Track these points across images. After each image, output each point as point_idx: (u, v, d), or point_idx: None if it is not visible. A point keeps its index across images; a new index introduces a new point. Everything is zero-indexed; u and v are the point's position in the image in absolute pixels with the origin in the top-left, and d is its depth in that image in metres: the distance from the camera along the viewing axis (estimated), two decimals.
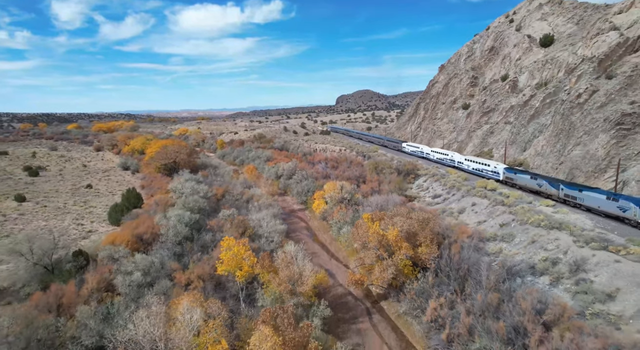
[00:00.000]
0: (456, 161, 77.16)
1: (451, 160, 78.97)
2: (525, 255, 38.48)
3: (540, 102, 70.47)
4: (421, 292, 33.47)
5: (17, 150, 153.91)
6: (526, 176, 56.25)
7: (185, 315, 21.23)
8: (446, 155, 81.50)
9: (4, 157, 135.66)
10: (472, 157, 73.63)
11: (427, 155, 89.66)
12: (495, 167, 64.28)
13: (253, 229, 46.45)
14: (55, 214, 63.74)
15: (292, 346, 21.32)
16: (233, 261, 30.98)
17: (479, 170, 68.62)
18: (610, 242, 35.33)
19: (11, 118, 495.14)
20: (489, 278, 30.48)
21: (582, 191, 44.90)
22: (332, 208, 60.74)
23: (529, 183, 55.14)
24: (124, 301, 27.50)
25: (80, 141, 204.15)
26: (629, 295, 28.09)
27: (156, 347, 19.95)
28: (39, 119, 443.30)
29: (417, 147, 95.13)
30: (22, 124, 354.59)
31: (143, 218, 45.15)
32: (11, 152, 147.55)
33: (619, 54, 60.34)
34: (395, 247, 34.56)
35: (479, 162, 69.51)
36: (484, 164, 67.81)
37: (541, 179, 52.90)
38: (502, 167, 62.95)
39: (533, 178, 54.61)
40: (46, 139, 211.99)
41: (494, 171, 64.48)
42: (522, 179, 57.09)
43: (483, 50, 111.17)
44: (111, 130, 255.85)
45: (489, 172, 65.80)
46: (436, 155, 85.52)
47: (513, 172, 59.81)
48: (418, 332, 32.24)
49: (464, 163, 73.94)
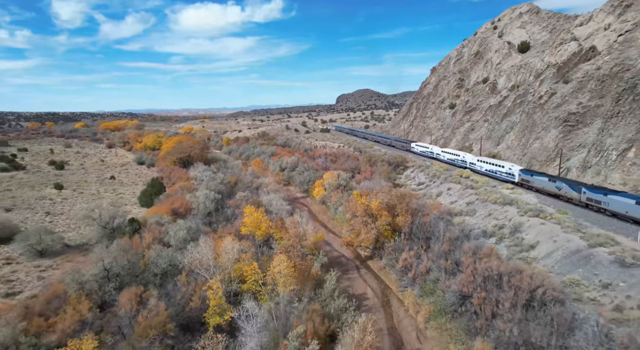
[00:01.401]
0: (468, 162, 74.77)
1: (462, 161, 76.57)
2: (482, 223, 48.80)
3: (512, 103, 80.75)
4: (396, 248, 43.86)
5: (33, 147, 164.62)
6: (544, 178, 53.73)
7: (228, 247, 31.42)
8: (457, 156, 78.89)
9: (26, 153, 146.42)
10: (485, 158, 70.83)
11: (437, 156, 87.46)
12: (510, 169, 61.22)
13: (265, 207, 56.73)
14: (92, 198, 74.07)
15: (300, 270, 31.55)
16: (254, 224, 41.24)
17: (493, 172, 65.86)
18: (543, 211, 45.64)
19: (16, 117, 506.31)
20: (444, 236, 40.81)
21: (607, 195, 42.51)
22: (330, 193, 71.09)
23: (547, 186, 52.69)
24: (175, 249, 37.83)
25: (91, 139, 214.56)
26: (543, 246, 38.44)
27: (209, 266, 30.16)
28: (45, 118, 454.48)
29: (427, 147, 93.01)
30: (30, 123, 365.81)
31: (176, 197, 55.52)
32: (29, 148, 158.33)
33: (574, 62, 70.53)
34: (377, 215, 44.92)
35: (492, 164, 66.55)
36: (497, 165, 64.85)
37: (561, 182, 50.33)
38: (518, 169, 60.07)
39: (552, 181, 52.07)
40: (57, 137, 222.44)
41: (508, 173, 61.62)
42: (539, 181, 54.61)
43: (469, 55, 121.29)
44: (118, 128, 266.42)
45: (503, 173, 62.90)
46: (447, 155, 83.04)
47: (529, 174, 57.13)
48: (393, 278, 42.61)
49: (476, 164, 71.29)
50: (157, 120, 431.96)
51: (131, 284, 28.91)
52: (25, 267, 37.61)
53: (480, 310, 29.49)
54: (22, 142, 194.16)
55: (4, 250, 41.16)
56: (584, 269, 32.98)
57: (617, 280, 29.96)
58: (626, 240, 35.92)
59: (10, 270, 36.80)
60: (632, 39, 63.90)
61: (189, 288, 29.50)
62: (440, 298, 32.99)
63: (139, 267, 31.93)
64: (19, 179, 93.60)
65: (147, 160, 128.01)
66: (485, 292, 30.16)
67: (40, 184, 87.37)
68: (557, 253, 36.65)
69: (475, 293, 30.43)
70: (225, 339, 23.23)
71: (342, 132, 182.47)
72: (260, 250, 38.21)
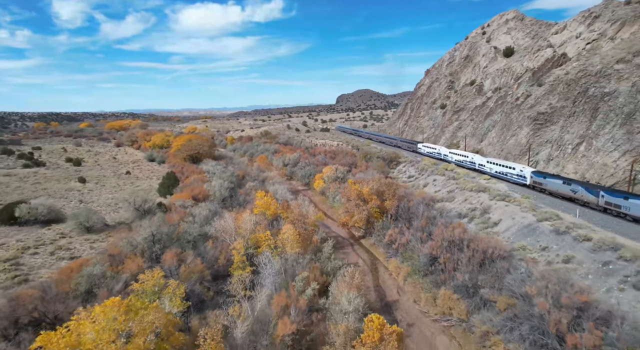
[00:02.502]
0: (477, 164, 73.56)
1: (471, 163, 75.41)
2: (459, 207, 56.86)
3: (494, 103, 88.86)
4: (384, 227, 52.00)
5: (45, 146, 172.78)
6: (557, 181, 52.19)
7: (246, 219, 39.52)
8: (466, 158, 77.89)
9: (40, 152, 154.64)
10: (495, 160, 69.16)
11: (445, 157, 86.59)
12: (522, 171, 59.91)
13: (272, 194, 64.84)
14: (115, 190, 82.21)
15: (303, 237, 39.63)
16: (264, 205, 49.29)
17: (503, 174, 64.48)
18: (509, 196, 53.67)
19: (20, 117, 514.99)
20: (423, 215, 48.98)
21: (628, 199, 40.78)
22: (329, 185, 79.19)
23: (561, 189, 51.13)
24: (199, 225, 45.99)
25: (99, 138, 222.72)
26: (504, 222, 46.53)
27: (231, 234, 38.18)
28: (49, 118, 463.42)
29: (434, 148, 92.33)
30: (35, 123, 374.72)
31: (195, 186, 63.66)
32: (43, 147, 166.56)
33: (548, 67, 78.66)
34: (368, 199, 53.02)
35: (502, 165, 65.10)
36: (508, 167, 63.39)
37: (576, 185, 48.59)
38: (530, 171, 58.47)
39: (566, 183, 50.43)
40: (65, 137, 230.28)
41: (519, 175, 60.30)
42: (552, 184, 52.97)
43: (460, 58, 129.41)
44: (123, 128, 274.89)
45: (513, 175, 61.61)
46: (455, 157, 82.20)
47: (542, 177, 55.42)
48: (381, 251, 50.75)
49: (486, 166, 70.07)
50: (159, 120, 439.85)
51: (171, 247, 37.07)
52: (78, 240, 45.76)
53: (445, 267, 37.62)
54: (33, 141, 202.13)
55: (57, 228, 49.38)
56: (531, 237, 41.09)
57: (552, 244, 38.08)
58: (568, 216, 44.01)
59: (67, 242, 44.97)
60: (597, 47, 71.99)
61: (216, 250, 37.62)
62: (416, 261, 41.12)
63: (175, 235, 40.09)
64: (42, 174, 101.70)
65: (157, 158, 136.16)
66: (449, 254, 38.28)
67: (64, 178, 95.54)
68: (513, 227, 44.76)
69: (442, 255, 38.55)
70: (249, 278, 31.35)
71: (345, 132, 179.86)
72: (271, 225, 46.36)
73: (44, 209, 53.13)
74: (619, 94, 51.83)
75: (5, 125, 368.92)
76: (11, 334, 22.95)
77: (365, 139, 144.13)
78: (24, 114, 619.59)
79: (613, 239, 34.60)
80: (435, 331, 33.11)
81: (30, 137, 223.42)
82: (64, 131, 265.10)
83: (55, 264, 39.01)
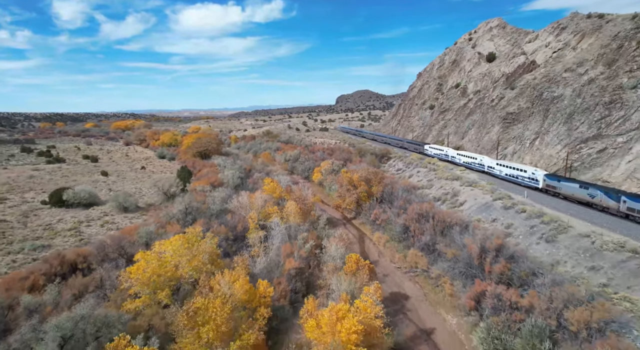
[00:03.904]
0: (486, 166, 71.59)
1: (480, 165, 73.37)
2: (435, 193, 67.11)
3: (474, 104, 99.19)
4: (371, 208, 62.30)
5: (58, 144, 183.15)
6: (574, 185, 49.72)
7: (258, 196, 49.76)
8: (474, 159, 75.58)
9: (55, 150, 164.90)
10: (505, 162, 66.77)
11: (452, 159, 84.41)
12: (534, 174, 58.17)
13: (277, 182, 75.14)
14: (135, 182, 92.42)
15: (303, 211, 49.88)
16: (270, 189, 59.52)
17: (513, 177, 62.43)
18: (476, 183, 63.94)
19: (24, 118, 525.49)
20: (402, 196, 59.29)
21: None
22: (326, 177, 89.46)
23: (578, 193, 48.56)
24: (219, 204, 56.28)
25: (107, 138, 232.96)
26: (468, 203, 56.81)
27: (246, 208, 48.41)
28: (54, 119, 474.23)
29: (441, 149, 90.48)
30: (41, 123, 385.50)
31: (210, 176, 73.94)
32: (57, 146, 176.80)
33: (520, 73, 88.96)
34: (357, 185, 63.32)
35: (513, 168, 63.09)
36: (519, 170, 61.37)
37: (595, 189, 46.19)
38: (542, 174, 56.48)
39: (583, 187, 47.94)
40: (74, 136, 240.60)
41: (531, 178, 58.37)
42: (568, 187, 50.58)
43: (449, 62, 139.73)
44: (128, 128, 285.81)
45: (525, 178, 59.58)
46: (463, 158, 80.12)
47: (556, 180, 53.30)
48: (368, 228, 61.05)
49: (495, 168, 68.10)
50: (161, 121, 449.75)
51: (200, 218, 47.33)
52: (119, 217, 56.00)
53: (414, 234, 47.90)
54: (44, 140, 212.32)
55: (99, 209, 59.71)
56: (486, 212, 51.38)
57: (500, 216, 48.41)
58: (518, 197, 54.32)
59: (110, 218, 55.21)
60: (561, 56, 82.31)
61: (235, 220, 47.84)
62: (393, 231, 51.42)
63: (202, 209, 50.42)
64: (66, 169, 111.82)
65: (168, 155, 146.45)
66: (418, 223, 48.55)
67: (87, 172, 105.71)
68: (474, 206, 55.08)
69: (413, 225, 48.83)
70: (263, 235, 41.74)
71: (348, 133, 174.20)
72: (277, 204, 56.69)
73: (86, 194, 63.35)
74: (564, 98, 62.04)
75: (13, 126, 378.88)
76: (105, 262, 33.34)
77: (370, 140, 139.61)
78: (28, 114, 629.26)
79: (540, 210, 45.03)
80: (404, 279, 43.39)
81: (40, 137, 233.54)
82: (72, 131, 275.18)
83: (106, 233, 49.19)
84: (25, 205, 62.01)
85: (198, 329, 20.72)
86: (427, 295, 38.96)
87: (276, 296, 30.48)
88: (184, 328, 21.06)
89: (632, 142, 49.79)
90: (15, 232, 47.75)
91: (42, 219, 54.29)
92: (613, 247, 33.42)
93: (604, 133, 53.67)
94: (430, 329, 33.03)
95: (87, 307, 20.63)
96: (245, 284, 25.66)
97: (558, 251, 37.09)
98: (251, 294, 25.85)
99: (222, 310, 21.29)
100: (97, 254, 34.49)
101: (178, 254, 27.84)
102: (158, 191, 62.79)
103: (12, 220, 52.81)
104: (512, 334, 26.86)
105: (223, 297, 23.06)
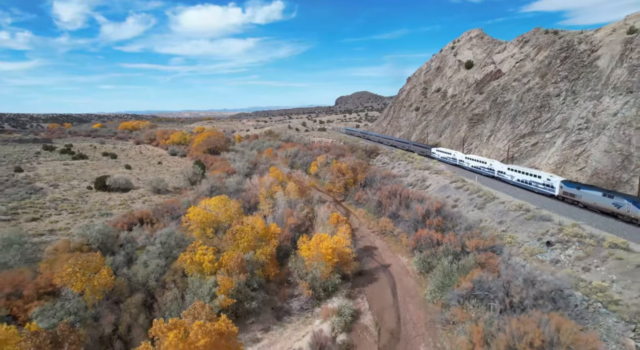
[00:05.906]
0: (496, 171, 68.28)
1: (490, 170, 70.41)
2: (409, 180, 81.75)
3: (450, 107, 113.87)
4: (356, 191, 76.96)
5: (74, 144, 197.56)
6: (596, 193, 44.75)
7: (266, 178, 64.41)
8: (484, 164, 72.67)
9: (73, 148, 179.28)
10: (517, 167, 62.83)
11: (460, 163, 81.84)
12: (549, 179, 53.98)
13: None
14: (157, 174, 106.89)
15: (301, 190, 64.53)
16: (276, 175, 74.15)
17: (526, 183, 58.64)
18: (443, 173, 78.52)
19: (29, 118, 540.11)
20: (381, 181, 74.00)
21: None
22: (321, 169, 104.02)
23: (601, 202, 43.73)
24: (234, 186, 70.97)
25: (116, 137, 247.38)
26: (432, 186, 71.44)
27: (257, 187, 62.92)
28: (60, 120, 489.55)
29: (449, 153, 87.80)
30: (50, 124, 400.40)
31: (224, 166, 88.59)
32: (74, 145, 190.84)
33: (488, 80, 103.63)
34: (345, 172, 77.99)
35: (526, 173, 59.24)
36: (532, 175, 57.64)
37: (620, 198, 41.53)
38: (559, 180, 52.28)
39: (607, 196, 43.19)
40: (84, 136, 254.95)
41: (546, 184, 54.41)
42: (589, 196, 45.82)
43: (434, 68, 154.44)
44: (135, 128, 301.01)
45: (539, 184, 55.75)
46: (471, 162, 77.26)
47: (575, 187, 48.64)
48: (353, 207, 75.67)
49: (506, 173, 64.65)
50: (163, 121, 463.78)
51: (222, 193, 61.95)
52: (154, 197, 70.57)
53: (385, 207, 62.50)
54: (61, 140, 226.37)
55: (136, 192, 74.35)
56: (444, 192, 65.98)
57: (452, 194, 63.05)
58: (470, 180, 68.91)
59: (148, 198, 69.81)
60: (522, 66, 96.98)
61: (249, 196, 62.45)
62: (370, 206, 66.05)
63: (222, 188, 65.13)
64: (92, 164, 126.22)
65: (178, 152, 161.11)
66: (389, 199, 63.12)
67: (110, 166, 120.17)
68: (436, 188, 69.69)
69: (384, 200, 63.43)
70: (271, 204, 56.39)
71: (352, 135, 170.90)
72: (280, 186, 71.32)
73: (123, 180, 77.95)
74: (511, 102, 76.54)
75: (23, 126, 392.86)
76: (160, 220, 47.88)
77: (375, 142, 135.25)
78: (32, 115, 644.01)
79: (479, 187, 59.70)
80: (376, 238, 57.98)
81: (53, 136, 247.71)
82: (82, 131, 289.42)
83: (148, 207, 63.64)
84: (76, 189, 76.61)
85: (237, 242, 35.22)
86: (390, 247, 53.55)
87: (282, 238, 45.09)
88: (228, 242, 35.60)
89: (556, 138, 64.37)
90: (81, 206, 62.38)
91: (95, 199, 68.92)
92: (515, 208, 48.15)
93: (536, 130, 68.18)
94: (388, 264, 47.62)
95: (171, 228, 35.22)
96: (262, 224, 40.25)
97: (484, 213, 51.79)
98: (266, 231, 40.46)
99: (251, 232, 35.80)
100: (153, 214, 49.10)
101: (217, 207, 42.41)
102: (184, 177, 77.45)
103: (73, 199, 67.41)
104: (437, 258, 41.43)
105: (250, 227, 37.63)
